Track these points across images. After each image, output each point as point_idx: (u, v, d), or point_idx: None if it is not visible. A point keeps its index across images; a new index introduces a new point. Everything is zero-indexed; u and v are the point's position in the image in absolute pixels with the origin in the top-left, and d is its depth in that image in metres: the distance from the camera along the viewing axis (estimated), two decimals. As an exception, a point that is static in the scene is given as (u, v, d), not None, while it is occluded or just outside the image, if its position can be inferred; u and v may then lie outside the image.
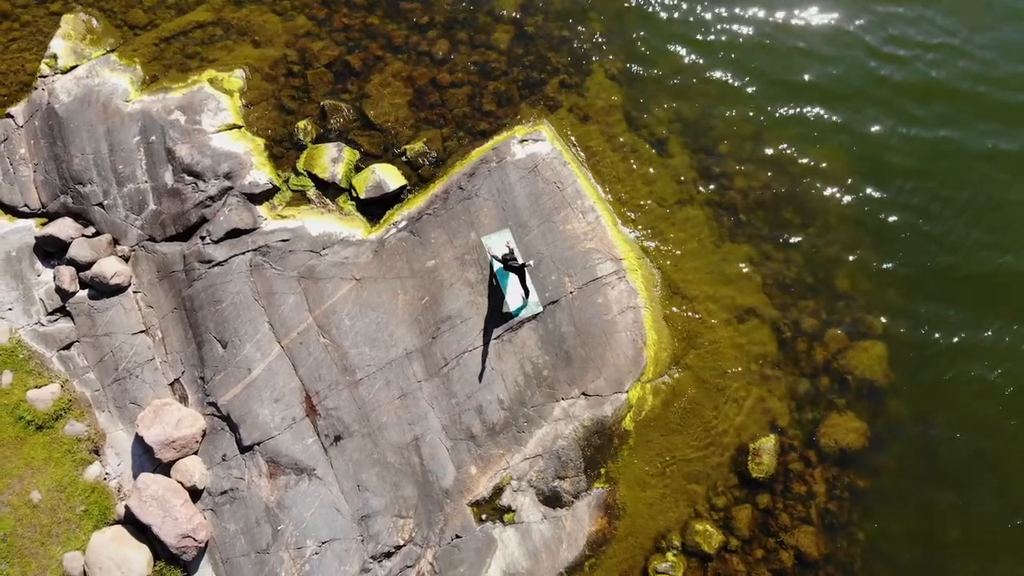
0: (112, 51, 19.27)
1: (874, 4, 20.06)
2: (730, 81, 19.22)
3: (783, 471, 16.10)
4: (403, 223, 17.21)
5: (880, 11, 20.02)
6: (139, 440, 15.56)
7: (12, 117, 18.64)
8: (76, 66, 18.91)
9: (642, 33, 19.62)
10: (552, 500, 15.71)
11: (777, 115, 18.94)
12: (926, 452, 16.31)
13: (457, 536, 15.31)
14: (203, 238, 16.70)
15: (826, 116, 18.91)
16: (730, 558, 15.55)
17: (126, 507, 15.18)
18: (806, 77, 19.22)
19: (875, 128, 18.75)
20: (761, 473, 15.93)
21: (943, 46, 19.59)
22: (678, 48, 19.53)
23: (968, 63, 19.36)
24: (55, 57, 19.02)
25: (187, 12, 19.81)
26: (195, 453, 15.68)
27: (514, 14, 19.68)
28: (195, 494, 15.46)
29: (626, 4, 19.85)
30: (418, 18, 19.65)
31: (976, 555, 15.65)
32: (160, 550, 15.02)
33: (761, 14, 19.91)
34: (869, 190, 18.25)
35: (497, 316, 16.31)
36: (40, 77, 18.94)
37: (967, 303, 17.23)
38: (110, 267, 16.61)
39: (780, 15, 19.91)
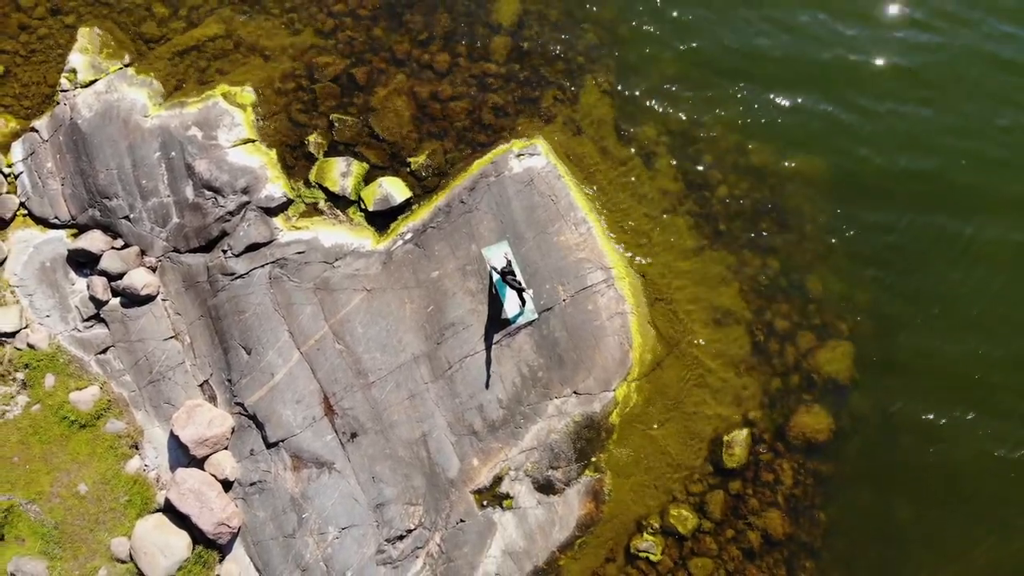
0: (128, 65, 20.24)
1: (854, 24, 20.87)
2: (715, 93, 20.28)
3: (754, 461, 17.91)
4: (409, 235, 18.59)
5: (866, 27, 20.90)
6: (174, 437, 17.27)
7: (37, 131, 19.73)
8: (95, 80, 19.91)
9: (633, 45, 20.58)
10: (546, 488, 17.55)
11: (760, 125, 20.07)
12: (884, 443, 18.09)
13: (461, 520, 17.19)
14: (225, 252, 18.09)
15: (805, 128, 20.03)
16: (703, 538, 17.52)
17: (166, 499, 17.00)
18: (788, 88, 20.24)
19: (851, 140, 19.90)
20: (733, 463, 17.75)
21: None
22: (667, 59, 20.51)
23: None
24: (74, 72, 20.00)
25: (198, 25, 20.67)
26: (225, 448, 17.43)
27: (511, 27, 20.59)
28: (227, 485, 17.27)
29: (619, 17, 20.74)
30: (419, 31, 20.57)
31: (925, 534, 17.57)
32: (198, 535, 16.91)
33: (746, 26, 20.83)
34: (843, 200, 19.52)
35: (496, 323, 17.86)
36: (61, 91, 19.95)
37: (930, 308, 18.74)
38: (140, 278, 18.04)
39: (763, 27, 20.84)
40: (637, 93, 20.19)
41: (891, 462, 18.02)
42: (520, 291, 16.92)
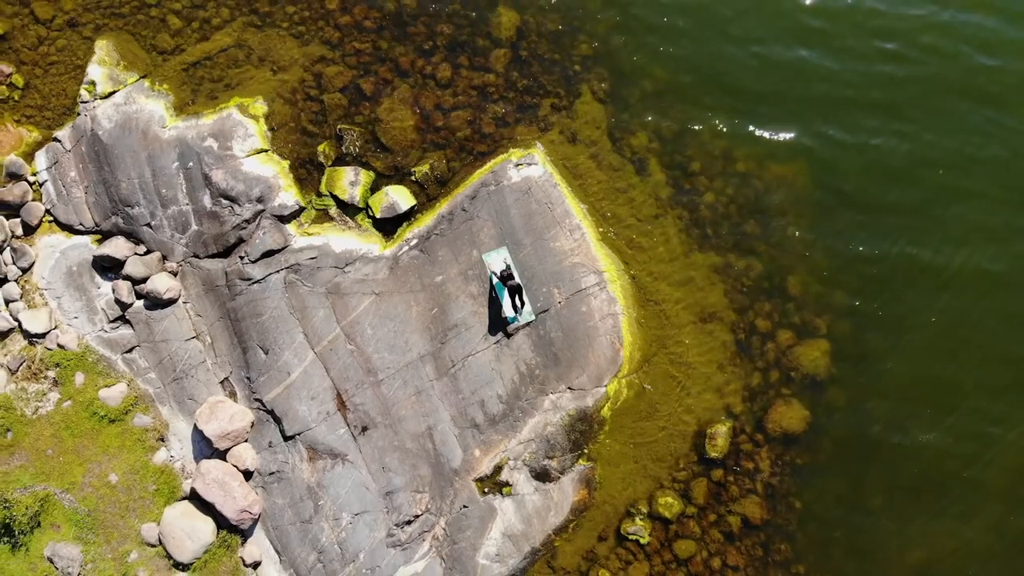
0: (144, 77, 21.22)
1: (847, 39, 21.80)
2: (704, 100, 21.32)
3: (735, 451, 19.32)
4: (414, 240, 19.79)
5: (855, 37, 21.83)
6: (198, 431, 18.63)
7: (59, 141, 20.77)
8: (114, 92, 20.91)
9: (626, 56, 21.55)
10: (542, 476, 18.98)
11: (745, 133, 21.16)
12: (858, 435, 19.41)
13: (464, 506, 18.64)
14: (242, 258, 19.30)
15: (789, 135, 21.10)
16: (687, 522, 19.01)
17: (192, 487, 18.41)
18: (772, 97, 21.28)
19: (833, 147, 20.97)
20: (716, 453, 19.16)
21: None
22: (658, 69, 21.51)
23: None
24: (93, 83, 20.99)
25: (210, 36, 21.61)
26: (246, 441, 18.81)
27: (511, 39, 21.55)
28: (247, 475, 18.69)
29: (613, 29, 21.69)
30: (422, 42, 21.54)
31: (894, 519, 18.97)
32: (222, 521, 18.34)
33: (734, 35, 21.78)
34: (824, 204, 20.68)
35: (496, 324, 19.15)
36: (81, 103, 20.97)
37: (902, 307, 20.01)
38: (163, 283, 19.26)
39: (757, 35, 21.77)
40: (630, 102, 21.24)
41: (863, 453, 19.38)
42: (518, 294, 18.17)
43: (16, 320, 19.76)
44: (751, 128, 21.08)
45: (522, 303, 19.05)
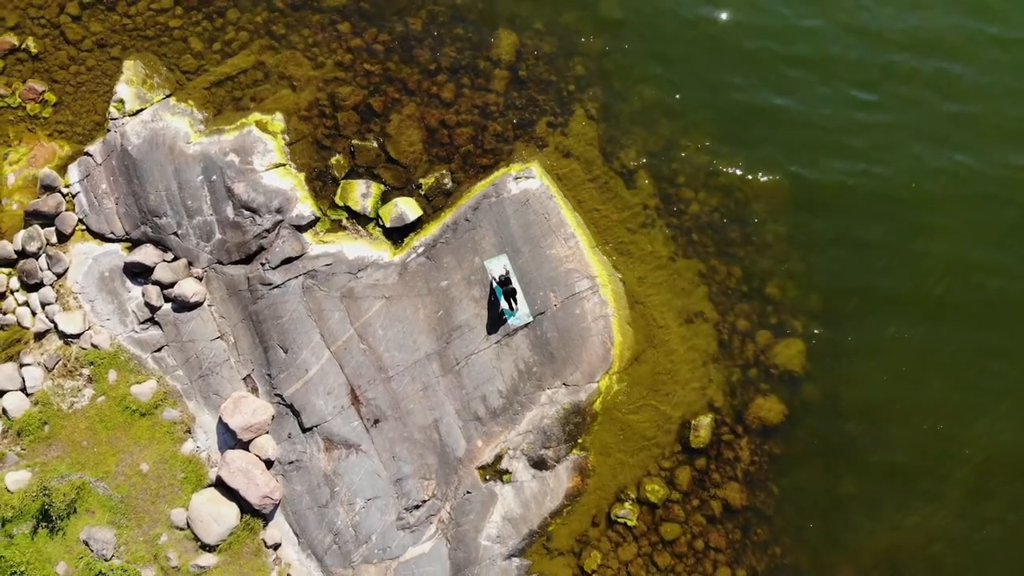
0: (170, 95, 22.84)
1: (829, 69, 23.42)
2: (689, 118, 22.98)
3: (716, 441, 20.97)
4: (421, 248, 21.45)
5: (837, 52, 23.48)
6: (223, 424, 20.24)
7: (91, 156, 22.37)
8: (141, 109, 22.53)
9: (616, 76, 23.21)
10: (539, 464, 20.64)
11: (728, 148, 22.81)
12: (831, 427, 21.05)
13: (468, 492, 20.30)
14: (263, 264, 20.95)
15: (769, 148, 22.75)
16: (673, 507, 20.68)
17: (218, 475, 20.04)
18: (750, 110, 22.89)
19: (809, 159, 22.64)
20: (699, 443, 20.82)
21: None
22: (645, 88, 23.16)
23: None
24: (122, 102, 22.60)
25: (231, 57, 23.22)
26: (267, 433, 20.44)
27: (510, 61, 23.20)
28: (269, 464, 20.32)
29: (604, 51, 23.36)
30: (428, 64, 23.19)
31: (864, 505, 20.58)
32: (245, 506, 19.96)
33: (714, 53, 23.44)
34: (800, 213, 22.36)
35: (496, 325, 20.82)
36: (111, 120, 22.58)
37: (874, 310, 21.66)
38: (189, 288, 20.89)
39: (735, 67, 23.46)
40: (620, 119, 22.90)
41: (836, 443, 21.04)
42: (515, 297, 19.82)
43: (52, 321, 21.35)
44: (733, 142, 22.69)
45: (519, 305, 20.70)
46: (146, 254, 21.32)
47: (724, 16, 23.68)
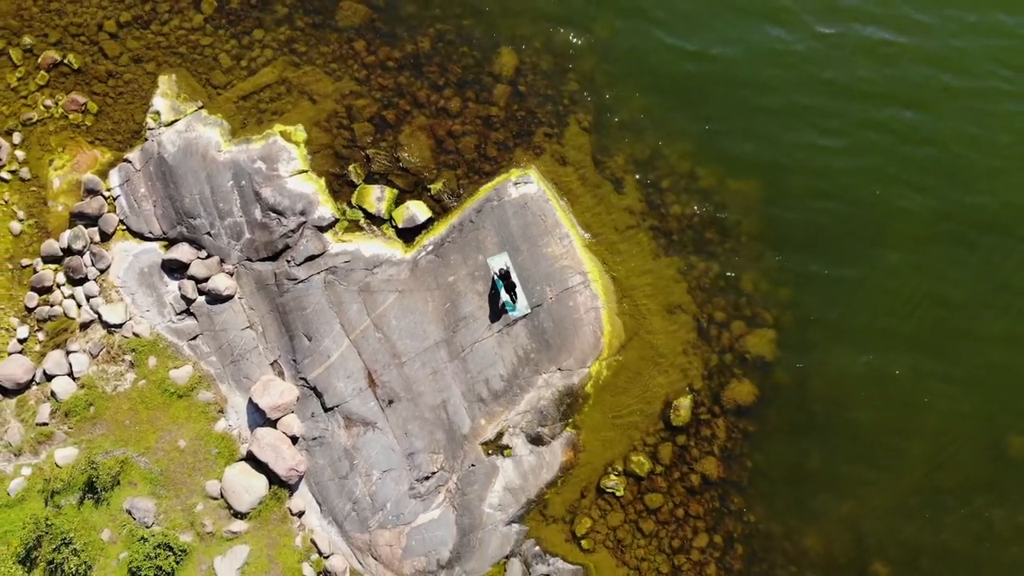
0: (201, 108, 25.12)
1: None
2: (672, 128, 25.29)
3: (695, 420, 23.30)
4: (430, 247, 23.81)
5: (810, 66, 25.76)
6: (253, 404, 22.56)
7: (130, 162, 24.64)
8: (176, 120, 24.81)
9: (607, 89, 25.53)
10: (536, 440, 23.01)
11: (707, 155, 25.15)
12: (799, 408, 23.30)
13: (472, 465, 22.66)
14: (288, 261, 23.27)
15: (746, 154, 25.02)
16: (656, 479, 23.02)
17: (248, 451, 22.35)
18: (728, 119, 25.19)
19: (785, 164, 24.94)
20: (680, 421, 23.17)
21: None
22: (634, 100, 25.49)
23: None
24: (158, 113, 24.88)
25: (256, 72, 25.51)
26: (292, 412, 22.78)
27: (511, 76, 25.54)
28: (294, 440, 22.64)
29: (596, 68, 25.69)
30: (436, 79, 25.53)
31: (828, 479, 22.75)
32: (273, 478, 22.29)
33: (698, 64, 25.75)
34: (773, 214, 24.70)
35: (498, 316, 23.17)
36: (148, 129, 24.85)
37: (840, 301, 23.94)
38: (222, 282, 23.20)
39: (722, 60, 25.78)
40: (610, 130, 25.24)
41: (804, 422, 23.30)
42: (514, 291, 22.18)
43: (96, 313, 23.63)
44: (711, 150, 24.95)
45: (518, 298, 23.07)
46: (182, 252, 23.62)
47: (698, 48, 25.73)
